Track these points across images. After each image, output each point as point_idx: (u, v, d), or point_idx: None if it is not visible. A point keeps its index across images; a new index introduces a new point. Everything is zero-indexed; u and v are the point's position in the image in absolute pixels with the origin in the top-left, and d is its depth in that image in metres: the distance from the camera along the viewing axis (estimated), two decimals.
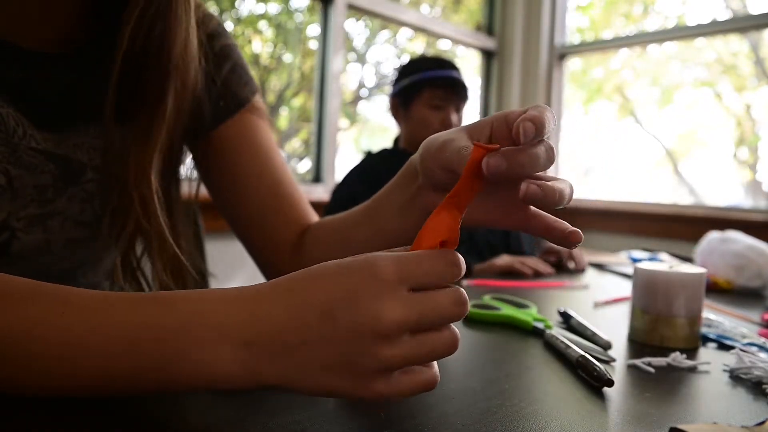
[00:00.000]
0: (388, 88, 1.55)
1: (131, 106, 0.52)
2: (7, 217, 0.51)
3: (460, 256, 0.34)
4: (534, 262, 1.12)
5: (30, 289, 0.35)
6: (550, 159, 0.38)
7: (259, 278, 0.77)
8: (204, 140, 0.61)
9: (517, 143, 0.36)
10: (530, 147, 0.36)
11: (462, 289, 0.34)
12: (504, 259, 1.16)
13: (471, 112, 2.83)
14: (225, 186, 0.64)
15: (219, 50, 0.60)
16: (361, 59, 2.49)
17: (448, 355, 0.33)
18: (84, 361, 0.32)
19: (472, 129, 0.41)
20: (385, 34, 2.58)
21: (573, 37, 2.84)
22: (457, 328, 0.34)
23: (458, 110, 1.43)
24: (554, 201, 0.38)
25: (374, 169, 1.40)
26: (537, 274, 1.08)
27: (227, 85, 0.61)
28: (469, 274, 1.17)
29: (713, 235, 1.09)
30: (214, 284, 1.01)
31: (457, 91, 1.41)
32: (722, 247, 1.03)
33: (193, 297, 0.34)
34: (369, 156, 1.47)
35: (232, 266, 1.78)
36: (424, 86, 1.41)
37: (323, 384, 0.32)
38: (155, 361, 0.32)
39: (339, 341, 0.31)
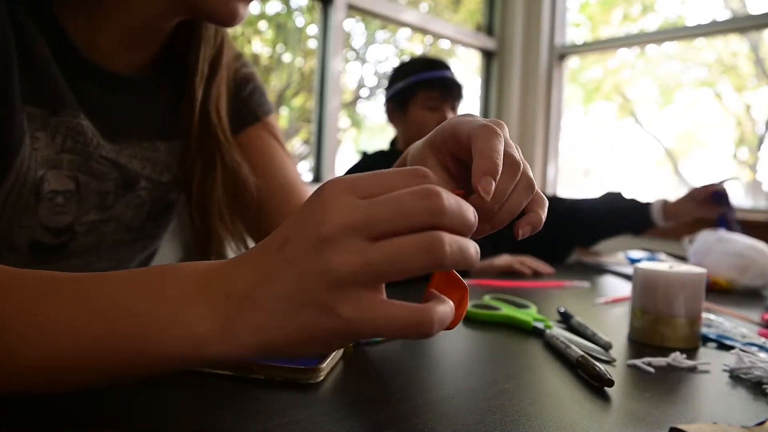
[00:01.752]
0: (383, 93, 1.55)
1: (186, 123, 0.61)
2: (72, 221, 0.56)
3: (435, 179, 0.31)
4: (533, 262, 1.12)
5: (12, 275, 0.34)
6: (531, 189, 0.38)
7: None
8: None
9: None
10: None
11: (432, 186, 0.29)
12: (503, 259, 1.16)
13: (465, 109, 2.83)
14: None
15: (242, 75, 0.69)
16: (361, 59, 2.49)
17: (430, 265, 0.28)
18: (61, 328, 0.31)
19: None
20: (385, 34, 2.58)
21: (573, 37, 2.83)
22: (457, 328, 0.31)
23: (454, 109, 1.43)
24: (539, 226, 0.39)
25: (371, 168, 1.40)
26: (536, 274, 1.08)
27: (247, 103, 0.69)
28: (468, 274, 1.17)
29: (706, 234, 1.09)
30: None
31: (451, 91, 1.41)
32: (720, 247, 1.03)
33: (184, 264, 0.34)
34: (365, 157, 1.47)
35: None
36: (418, 88, 1.42)
37: (293, 327, 0.29)
38: (135, 324, 0.31)
39: (295, 263, 0.29)
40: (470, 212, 0.30)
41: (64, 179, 0.54)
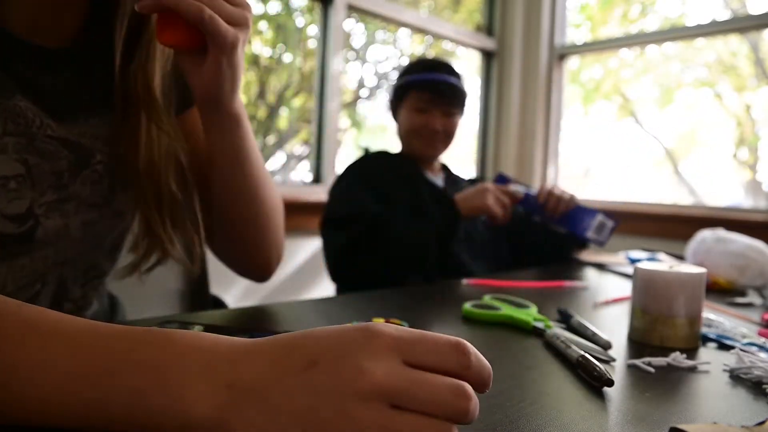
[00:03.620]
0: (389, 89, 1.55)
1: (129, 92, 0.60)
2: (30, 204, 0.55)
3: (472, 349, 0.32)
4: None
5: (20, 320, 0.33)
6: None
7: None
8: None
9: None
10: None
11: (467, 384, 0.31)
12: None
13: (470, 113, 2.83)
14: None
15: None
16: (361, 59, 2.49)
17: None
18: (58, 381, 0.31)
19: None
20: (385, 34, 2.58)
21: (573, 38, 2.84)
22: (455, 325, 0.32)
23: (448, 115, 1.39)
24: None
25: (370, 166, 1.39)
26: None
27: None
28: (469, 274, 1.17)
29: (705, 234, 1.09)
30: (215, 287, 1.01)
31: (444, 95, 1.37)
32: (720, 247, 1.03)
33: (187, 335, 0.33)
34: (366, 154, 1.46)
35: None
36: (410, 89, 1.40)
37: None
38: (132, 388, 0.30)
39: (315, 391, 0.29)
40: (477, 412, 0.31)
41: (13, 163, 0.53)
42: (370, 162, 1.42)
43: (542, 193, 1.26)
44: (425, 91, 1.37)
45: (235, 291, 1.82)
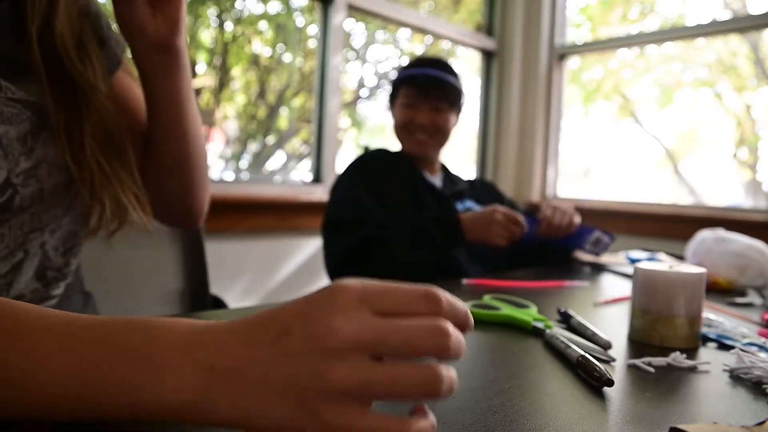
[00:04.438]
0: (389, 89, 1.55)
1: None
2: (7, 174, 0.55)
3: (444, 295, 0.31)
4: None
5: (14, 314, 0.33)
6: None
7: (260, 280, 0.77)
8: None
9: None
10: None
11: (444, 321, 0.30)
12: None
13: (470, 113, 2.83)
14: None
15: (86, 5, 0.67)
16: (361, 59, 2.49)
17: (423, 397, 0.29)
18: (47, 378, 0.31)
19: None
20: (385, 34, 2.58)
21: (573, 38, 2.84)
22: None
23: (436, 110, 1.38)
24: None
25: (370, 165, 1.39)
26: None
27: (110, 43, 0.68)
28: (467, 275, 1.17)
29: (705, 234, 1.09)
30: (215, 287, 1.01)
31: (428, 90, 1.36)
32: (720, 247, 1.03)
33: (166, 322, 0.33)
34: (365, 153, 1.46)
35: (233, 266, 1.78)
36: (400, 85, 1.42)
37: (273, 414, 0.30)
38: (118, 379, 0.31)
39: (292, 358, 0.30)
40: (464, 348, 0.31)
41: None
42: (370, 161, 1.41)
43: (543, 224, 1.24)
44: (411, 87, 1.38)
45: (235, 291, 1.82)
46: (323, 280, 1.97)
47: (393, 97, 1.45)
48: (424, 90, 1.37)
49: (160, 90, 0.64)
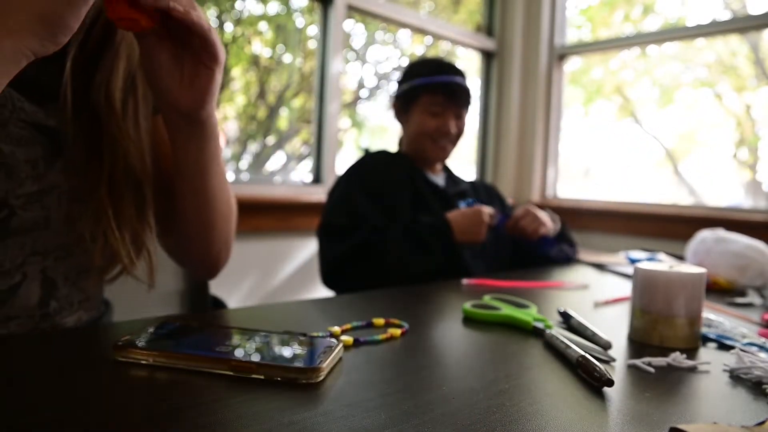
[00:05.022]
0: (391, 88, 1.54)
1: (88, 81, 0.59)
2: (5, 195, 0.54)
3: None
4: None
5: None
6: None
7: (260, 280, 0.77)
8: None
9: None
10: None
11: None
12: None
13: (471, 114, 2.83)
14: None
15: None
16: (361, 59, 2.49)
17: None
18: None
19: None
20: (385, 34, 2.58)
21: (573, 38, 2.84)
22: (455, 325, 0.32)
23: (459, 116, 1.39)
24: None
25: (368, 168, 1.39)
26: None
27: None
28: (468, 273, 1.17)
29: (705, 234, 1.09)
30: (215, 287, 1.01)
31: (456, 97, 1.37)
32: (720, 247, 1.03)
33: None
34: (365, 156, 1.46)
35: (233, 267, 1.78)
36: (422, 91, 1.39)
37: None
38: None
39: None
40: None
41: None
42: (369, 165, 1.41)
43: (511, 221, 1.31)
44: (438, 94, 1.36)
45: (235, 291, 1.82)
46: None
47: (410, 101, 1.42)
48: (451, 98, 1.36)
49: (184, 155, 0.62)
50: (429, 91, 1.37)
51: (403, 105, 1.43)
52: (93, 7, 0.53)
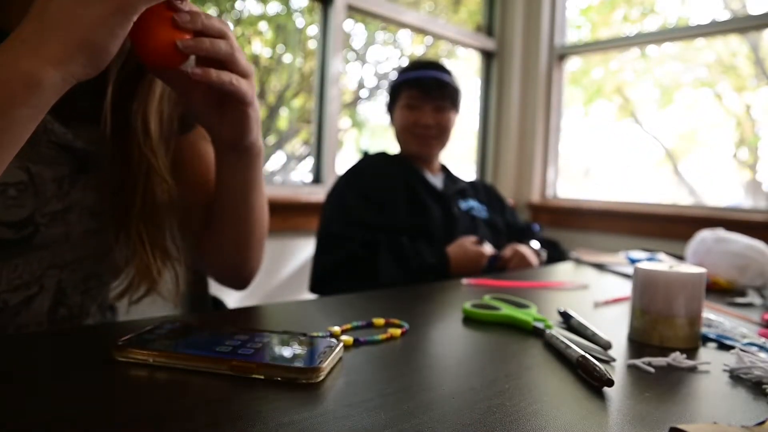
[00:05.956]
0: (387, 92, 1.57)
1: (128, 102, 0.60)
2: (32, 213, 0.55)
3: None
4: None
5: None
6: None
7: (260, 280, 0.78)
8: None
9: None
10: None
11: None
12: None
13: (470, 113, 2.83)
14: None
15: None
16: (361, 60, 2.49)
17: None
18: None
19: None
20: (385, 34, 2.58)
21: (573, 38, 2.84)
22: (455, 325, 0.33)
23: (439, 110, 1.40)
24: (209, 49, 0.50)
25: (366, 172, 1.40)
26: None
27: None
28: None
29: (705, 234, 1.09)
30: (215, 288, 1.01)
31: (431, 91, 1.39)
32: (720, 247, 1.03)
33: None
34: (362, 159, 1.47)
35: None
36: (402, 88, 1.43)
37: (84, 16, 0.41)
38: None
39: None
40: None
41: (14, 170, 0.53)
42: (366, 168, 1.42)
43: (500, 263, 1.32)
44: (414, 89, 1.40)
45: (234, 291, 1.82)
46: None
47: (393, 101, 1.46)
48: (426, 91, 1.39)
49: (229, 177, 0.64)
50: (407, 86, 1.41)
51: (389, 105, 1.48)
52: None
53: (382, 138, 2.56)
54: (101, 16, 0.43)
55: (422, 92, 1.39)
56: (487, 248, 1.28)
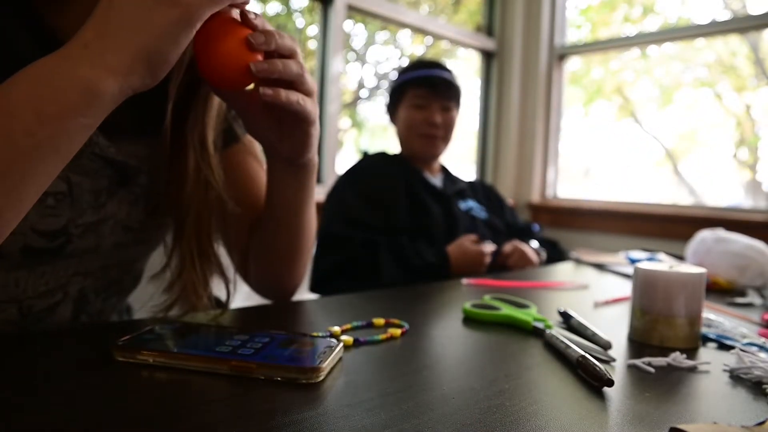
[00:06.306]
0: (387, 92, 1.56)
1: (181, 121, 0.61)
2: (66, 223, 0.55)
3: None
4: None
5: None
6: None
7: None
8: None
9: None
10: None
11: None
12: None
13: (470, 113, 2.83)
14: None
15: None
16: (361, 60, 2.49)
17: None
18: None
19: None
20: (384, 34, 2.58)
21: (573, 38, 2.84)
22: (455, 325, 0.33)
23: (446, 110, 1.41)
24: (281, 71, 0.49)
25: (365, 173, 1.40)
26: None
27: (231, 121, 0.70)
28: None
29: (705, 234, 1.09)
30: (215, 288, 1.01)
31: (439, 90, 1.39)
32: (720, 247, 1.03)
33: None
34: (362, 159, 1.47)
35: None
36: (407, 87, 1.42)
37: (148, 26, 0.41)
38: (26, 95, 0.39)
39: None
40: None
41: (55, 180, 0.52)
42: (366, 168, 1.42)
43: (500, 259, 1.33)
44: (422, 87, 1.39)
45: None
46: None
47: (396, 100, 1.45)
48: (434, 90, 1.39)
49: (281, 192, 0.64)
50: (413, 85, 1.41)
51: (392, 105, 1.46)
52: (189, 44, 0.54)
53: (382, 138, 2.56)
54: (166, 22, 0.41)
55: (430, 91, 1.39)
56: (487, 246, 1.28)
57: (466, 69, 2.90)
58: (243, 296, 1.99)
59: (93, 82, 0.40)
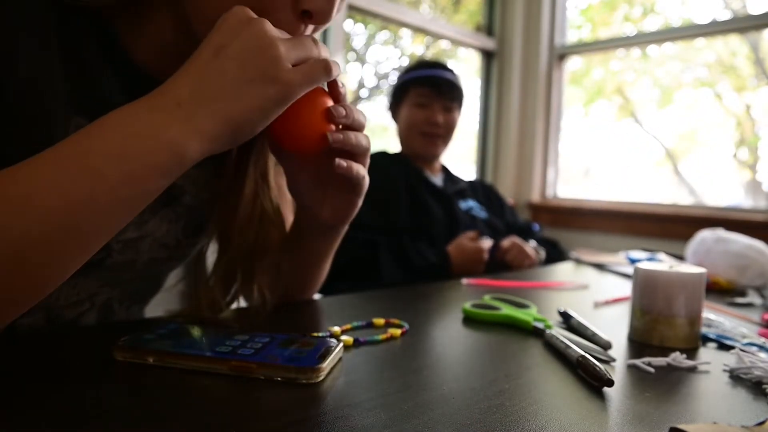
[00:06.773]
0: (388, 91, 1.57)
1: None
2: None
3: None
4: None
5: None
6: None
7: None
8: None
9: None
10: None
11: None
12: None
13: (470, 113, 2.83)
14: None
15: None
16: (361, 60, 2.49)
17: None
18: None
19: None
20: (384, 34, 2.58)
21: (573, 38, 2.84)
22: (455, 325, 0.33)
23: (448, 110, 1.41)
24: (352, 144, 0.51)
25: (371, 170, 1.40)
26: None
27: None
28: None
29: (705, 234, 1.09)
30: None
31: (442, 90, 1.40)
32: (720, 247, 1.03)
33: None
34: None
35: None
36: (410, 86, 1.42)
37: (246, 99, 0.40)
38: (112, 152, 0.38)
39: (236, 57, 0.40)
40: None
41: None
42: (371, 164, 1.42)
43: (499, 253, 1.35)
44: (425, 87, 1.39)
45: None
46: None
47: (398, 99, 1.45)
48: (438, 90, 1.39)
49: (311, 245, 0.65)
50: (416, 84, 1.41)
51: (394, 103, 1.47)
52: None
53: (382, 138, 2.56)
54: (263, 97, 0.41)
55: (434, 91, 1.39)
56: (485, 242, 1.28)
57: (466, 69, 2.90)
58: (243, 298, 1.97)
59: (182, 146, 0.40)
